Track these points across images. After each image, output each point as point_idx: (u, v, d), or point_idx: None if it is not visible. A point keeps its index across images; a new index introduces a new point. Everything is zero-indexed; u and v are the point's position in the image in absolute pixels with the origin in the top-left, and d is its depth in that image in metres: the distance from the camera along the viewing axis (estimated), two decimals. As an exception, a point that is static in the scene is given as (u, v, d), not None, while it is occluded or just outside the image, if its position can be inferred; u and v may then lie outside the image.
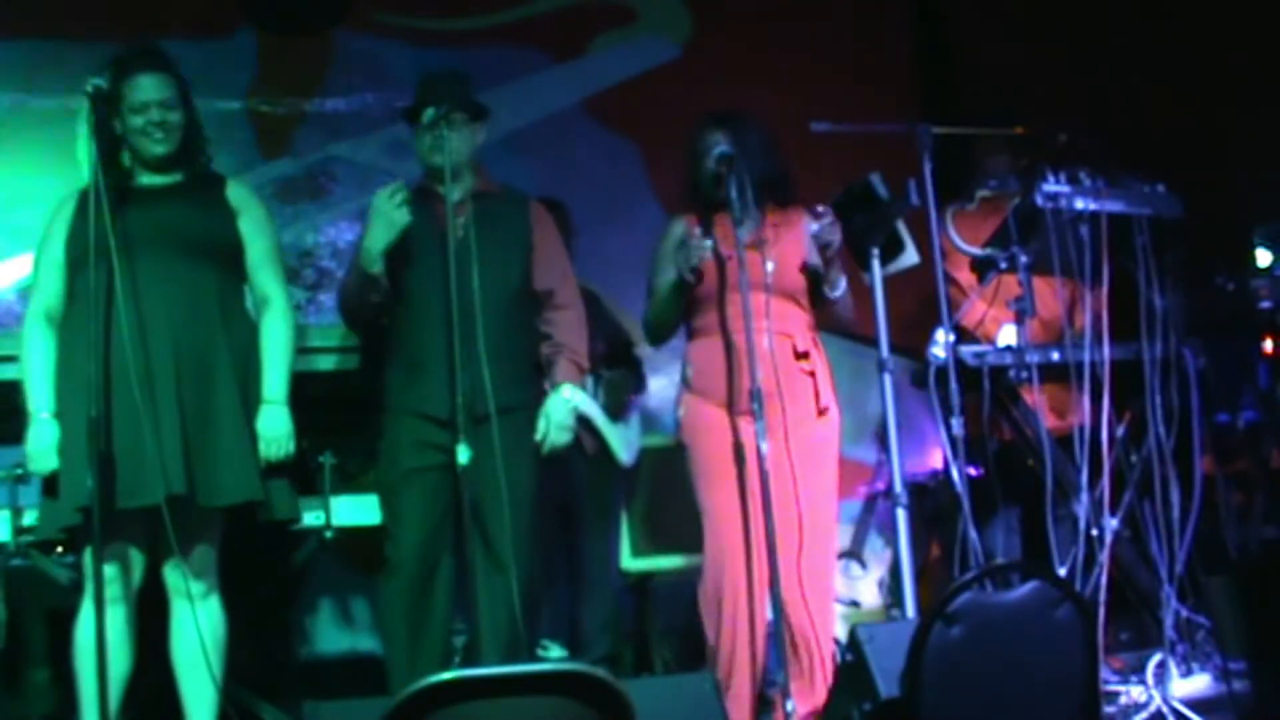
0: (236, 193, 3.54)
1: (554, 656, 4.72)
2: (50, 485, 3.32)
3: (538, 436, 3.69)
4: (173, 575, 3.36)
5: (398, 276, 3.69)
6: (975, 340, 4.27)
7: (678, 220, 3.93)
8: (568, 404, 3.74)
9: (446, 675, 2.23)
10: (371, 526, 3.95)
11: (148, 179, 3.44)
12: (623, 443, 4.77)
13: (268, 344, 3.47)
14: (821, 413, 3.82)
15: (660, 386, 5.02)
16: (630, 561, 4.84)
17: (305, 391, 3.76)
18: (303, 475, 3.99)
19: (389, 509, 3.73)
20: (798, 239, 3.87)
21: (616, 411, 4.79)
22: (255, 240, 3.50)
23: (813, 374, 3.81)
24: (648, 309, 3.95)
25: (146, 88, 3.36)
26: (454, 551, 3.66)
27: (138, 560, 3.35)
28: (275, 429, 3.42)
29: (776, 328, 3.73)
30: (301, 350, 3.88)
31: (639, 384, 4.98)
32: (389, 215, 3.56)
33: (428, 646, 3.62)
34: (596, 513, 4.80)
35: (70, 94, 3.54)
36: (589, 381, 4.78)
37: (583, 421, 4.76)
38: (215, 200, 3.49)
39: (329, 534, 4.02)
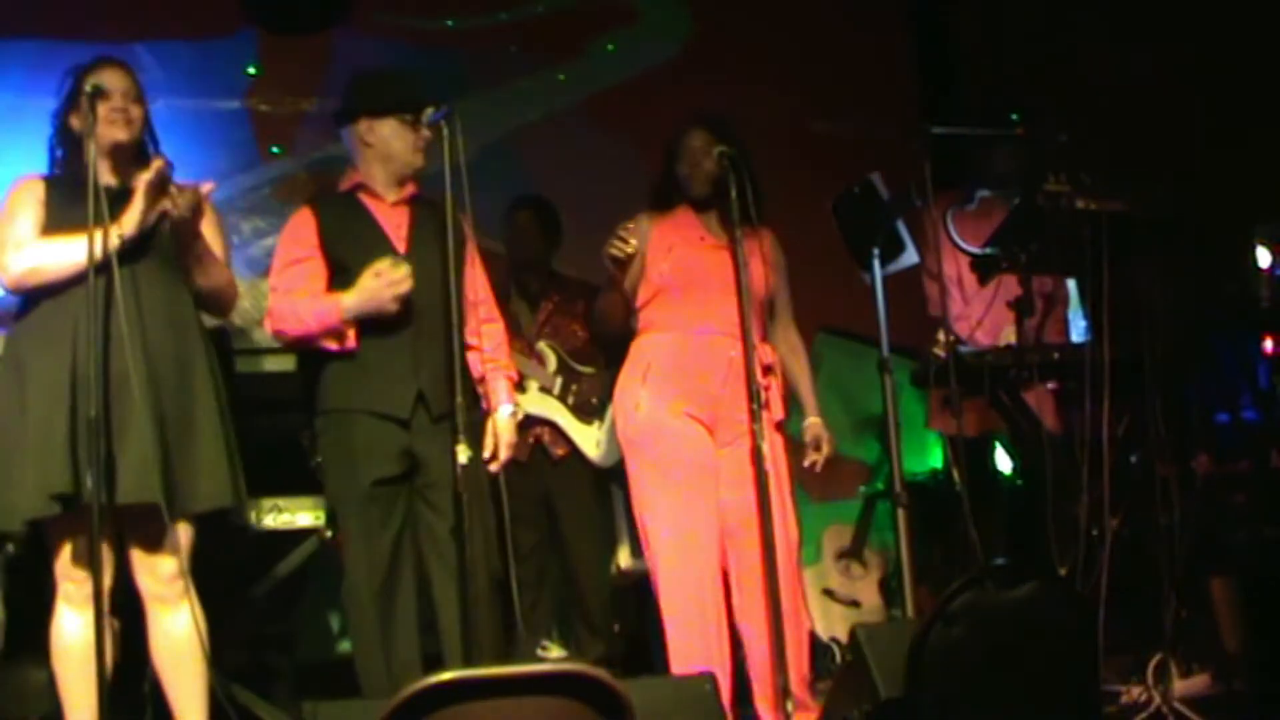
0: None
1: (554, 656, 4.72)
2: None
3: (486, 453, 3.63)
4: (145, 579, 3.35)
5: (346, 276, 3.62)
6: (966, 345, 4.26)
7: (642, 217, 3.89)
8: (514, 422, 3.74)
9: (446, 675, 2.23)
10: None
11: (111, 180, 3.42)
12: (593, 443, 4.76)
13: None
14: (778, 426, 3.83)
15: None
16: (630, 561, 4.84)
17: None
18: (302, 475, 4.00)
19: (351, 519, 3.59)
20: (766, 257, 3.86)
21: (589, 411, 4.78)
22: (214, 245, 3.49)
23: (769, 389, 3.80)
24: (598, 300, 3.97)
25: (109, 77, 3.39)
26: (413, 555, 3.62)
27: (108, 560, 3.34)
28: None
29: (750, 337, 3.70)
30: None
31: (612, 383, 4.97)
32: (380, 296, 3.53)
33: (400, 650, 3.56)
34: (581, 512, 4.79)
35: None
36: (558, 383, 4.79)
37: (550, 425, 4.76)
38: None
39: (329, 534, 4.02)
